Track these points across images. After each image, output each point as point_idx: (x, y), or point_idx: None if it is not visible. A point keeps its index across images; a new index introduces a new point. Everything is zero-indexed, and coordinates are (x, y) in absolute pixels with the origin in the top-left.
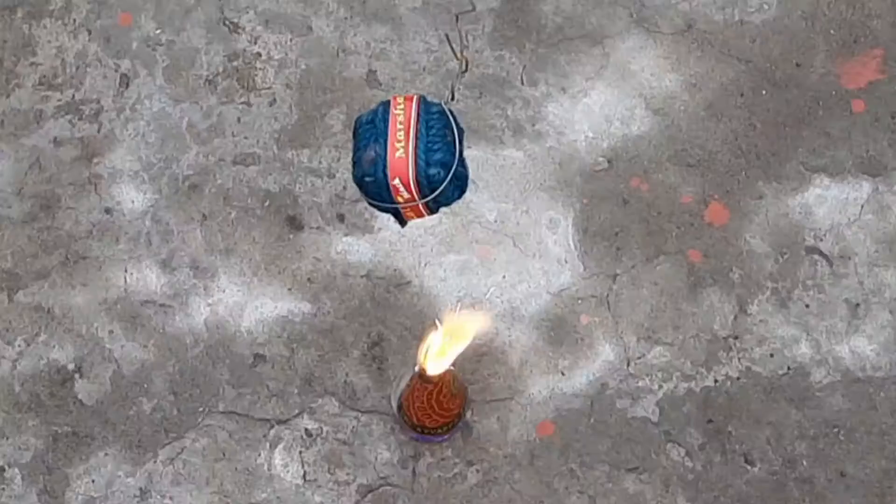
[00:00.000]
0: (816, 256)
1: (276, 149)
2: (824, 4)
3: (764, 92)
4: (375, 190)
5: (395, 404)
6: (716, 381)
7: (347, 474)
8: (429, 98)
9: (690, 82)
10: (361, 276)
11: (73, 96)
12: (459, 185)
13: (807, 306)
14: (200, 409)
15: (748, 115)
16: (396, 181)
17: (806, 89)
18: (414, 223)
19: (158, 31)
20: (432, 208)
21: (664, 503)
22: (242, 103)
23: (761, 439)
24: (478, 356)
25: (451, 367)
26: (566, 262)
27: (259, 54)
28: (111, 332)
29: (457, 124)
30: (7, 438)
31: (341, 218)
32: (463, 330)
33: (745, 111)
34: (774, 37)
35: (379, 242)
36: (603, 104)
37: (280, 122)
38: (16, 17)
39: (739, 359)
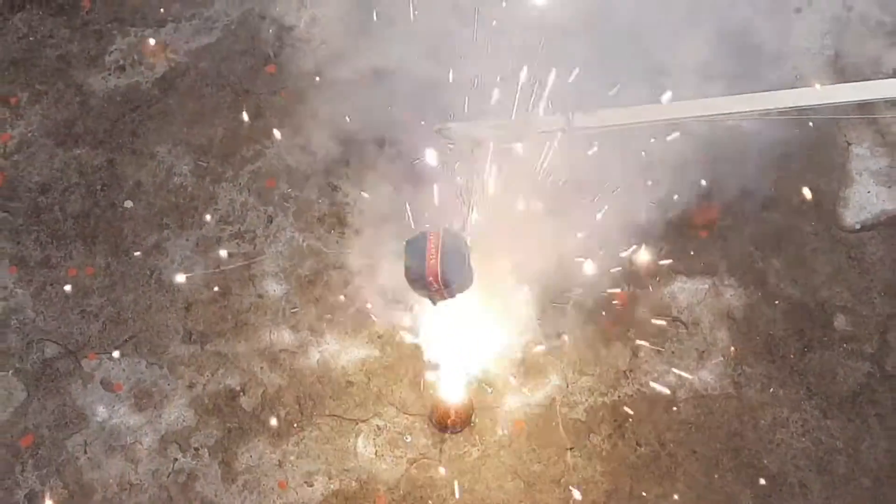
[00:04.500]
0: (679, 323)
1: (359, 258)
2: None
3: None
4: (417, 283)
5: (429, 411)
6: (619, 396)
7: (401, 452)
8: (450, 230)
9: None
10: (409, 334)
11: (239, 229)
12: (469, 281)
13: (673, 353)
14: (314, 413)
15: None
16: (430, 278)
17: (676, 226)
18: (441, 303)
19: (290, 190)
20: (453, 295)
21: (588, 469)
22: (339, 233)
23: (646, 431)
24: (482, 384)
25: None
26: (531, 326)
27: (349, 203)
28: (261, 367)
29: (466, 245)
30: (200, 431)
31: (397, 300)
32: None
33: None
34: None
35: (420, 314)
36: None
37: (361, 243)
38: (205, 181)
39: (633, 383)
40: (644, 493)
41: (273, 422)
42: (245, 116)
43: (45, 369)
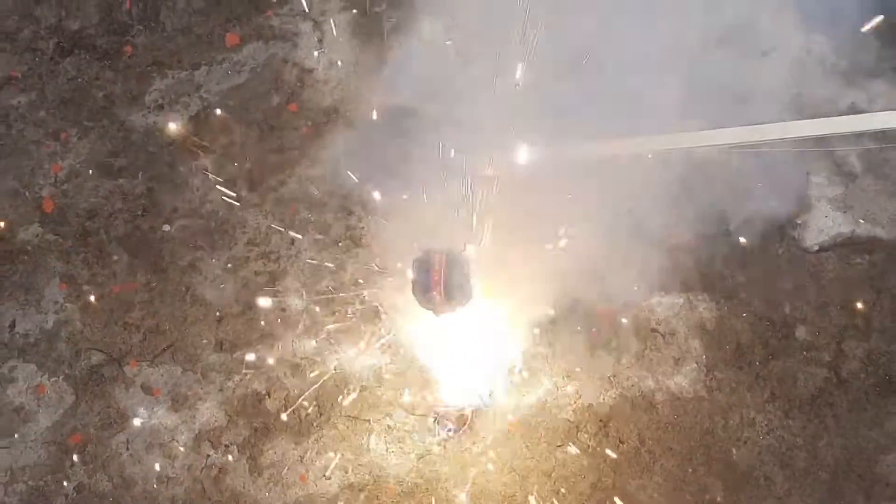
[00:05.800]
0: (657, 334)
1: (371, 276)
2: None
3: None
4: (423, 297)
5: (434, 412)
6: (604, 399)
7: (410, 448)
8: (453, 251)
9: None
10: (416, 344)
11: (264, 250)
12: (469, 296)
13: (651, 360)
14: (332, 414)
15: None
16: (435, 293)
17: (653, 247)
18: (443, 316)
19: (309, 215)
20: (455, 309)
21: (576, 464)
22: (354, 253)
23: (628, 430)
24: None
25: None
26: (526, 336)
27: (362, 227)
28: (284, 373)
29: (468, 264)
30: (230, 430)
31: (405, 313)
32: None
33: (628, 268)
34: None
35: (425, 329)
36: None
37: (373, 262)
38: (234, 208)
39: (616, 388)
40: (625, 486)
41: (296, 421)
42: (269, 149)
43: (92, 375)
